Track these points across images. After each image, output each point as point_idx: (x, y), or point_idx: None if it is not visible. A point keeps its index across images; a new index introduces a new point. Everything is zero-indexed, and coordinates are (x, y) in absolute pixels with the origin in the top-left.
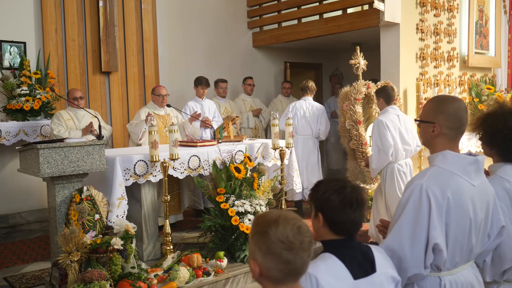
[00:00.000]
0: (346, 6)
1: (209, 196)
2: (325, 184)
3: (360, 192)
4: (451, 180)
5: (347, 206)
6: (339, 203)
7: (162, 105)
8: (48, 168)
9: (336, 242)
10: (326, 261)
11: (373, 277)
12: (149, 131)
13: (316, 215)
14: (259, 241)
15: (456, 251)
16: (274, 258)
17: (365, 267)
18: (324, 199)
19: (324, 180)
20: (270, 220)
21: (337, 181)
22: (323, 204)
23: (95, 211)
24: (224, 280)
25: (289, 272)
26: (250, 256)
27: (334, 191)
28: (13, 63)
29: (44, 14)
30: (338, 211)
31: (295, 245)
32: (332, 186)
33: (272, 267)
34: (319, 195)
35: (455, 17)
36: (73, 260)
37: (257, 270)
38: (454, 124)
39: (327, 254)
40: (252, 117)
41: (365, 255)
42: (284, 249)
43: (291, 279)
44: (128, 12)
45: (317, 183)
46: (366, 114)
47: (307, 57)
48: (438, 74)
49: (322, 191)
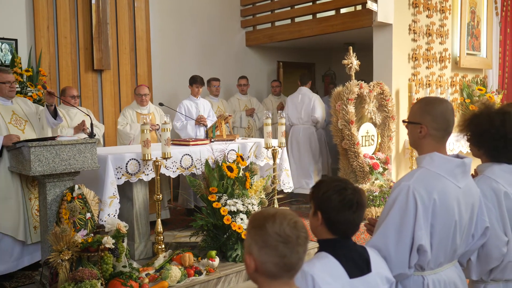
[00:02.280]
0: (339, 6)
1: (202, 195)
2: (327, 183)
3: (360, 194)
4: (438, 182)
5: (346, 207)
6: (339, 203)
7: (143, 104)
8: (39, 166)
9: (332, 242)
10: (322, 259)
11: (368, 277)
12: (141, 129)
13: (315, 213)
14: (256, 234)
15: (440, 251)
16: (270, 251)
17: (361, 266)
18: (324, 198)
19: (326, 179)
20: (267, 215)
21: (339, 181)
22: (323, 203)
23: (87, 210)
24: (216, 280)
25: (284, 266)
26: (246, 251)
27: (335, 191)
28: (4, 60)
29: (36, 11)
30: (337, 211)
31: (291, 238)
32: (334, 186)
33: (267, 260)
34: (320, 194)
35: (447, 18)
36: (64, 259)
37: (253, 265)
38: (441, 125)
39: (323, 253)
40: (246, 116)
41: (360, 255)
42: (280, 242)
43: (286, 274)
44: (120, 9)
45: (319, 182)
46: (359, 114)
47: (300, 57)
48: (430, 75)
49: (323, 190)
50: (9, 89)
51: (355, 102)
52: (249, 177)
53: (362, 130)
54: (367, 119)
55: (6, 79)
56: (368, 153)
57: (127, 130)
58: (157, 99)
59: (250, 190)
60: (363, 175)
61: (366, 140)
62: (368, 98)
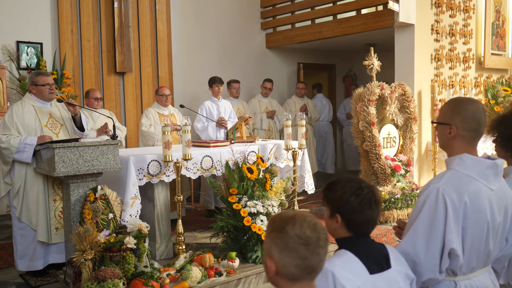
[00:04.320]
0: (360, 7)
1: (222, 197)
2: (341, 185)
3: (376, 191)
4: (469, 184)
5: (366, 207)
6: (358, 205)
7: (165, 105)
8: (63, 167)
9: (351, 239)
10: (341, 257)
11: (388, 273)
12: (163, 131)
13: (332, 216)
14: (276, 237)
15: (473, 256)
16: (291, 253)
17: (380, 262)
18: (343, 200)
19: (339, 180)
20: (287, 217)
21: (353, 181)
22: (342, 206)
23: (109, 210)
24: (236, 281)
25: (306, 268)
26: (266, 255)
27: (352, 192)
28: (30, 64)
29: (60, 15)
30: (358, 213)
31: (312, 240)
32: (350, 188)
33: (288, 263)
34: (337, 197)
35: (471, 18)
36: (87, 258)
37: (273, 267)
38: (471, 126)
39: (342, 250)
40: (266, 118)
41: (380, 251)
42: (301, 244)
43: (307, 276)
44: (142, 13)
45: (331, 183)
46: (380, 115)
47: (320, 58)
48: (453, 76)
49: (339, 193)
50: (49, 91)
51: (376, 104)
52: (269, 179)
53: (383, 132)
54: (389, 121)
55: (46, 82)
56: (389, 155)
57: (151, 130)
58: (178, 101)
59: (270, 191)
60: (385, 177)
61: (388, 142)
62: (389, 99)
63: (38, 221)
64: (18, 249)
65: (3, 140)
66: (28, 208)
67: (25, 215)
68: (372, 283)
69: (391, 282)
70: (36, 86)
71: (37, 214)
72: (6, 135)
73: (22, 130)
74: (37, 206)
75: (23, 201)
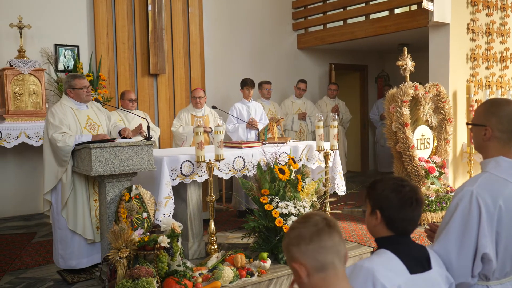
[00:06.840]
0: (393, 7)
1: (253, 197)
2: (384, 182)
3: (418, 191)
4: (504, 188)
5: (406, 205)
6: (398, 202)
7: (197, 107)
8: (99, 166)
9: (391, 238)
10: (381, 256)
11: (429, 274)
12: (195, 132)
13: (373, 212)
14: (291, 238)
15: (507, 261)
16: (308, 245)
17: (421, 263)
18: (383, 197)
19: (382, 178)
20: (298, 220)
21: (395, 179)
22: (382, 202)
23: (143, 209)
24: (268, 281)
25: (328, 250)
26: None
27: (393, 189)
28: (67, 66)
29: (96, 19)
30: (397, 209)
31: (320, 226)
32: (391, 185)
33: (311, 255)
34: (378, 193)
35: (508, 16)
36: (122, 257)
37: (303, 269)
38: (508, 127)
39: (382, 249)
40: (297, 120)
41: (420, 252)
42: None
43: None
44: (175, 15)
45: (374, 182)
46: (414, 116)
47: (352, 59)
48: (490, 76)
49: (381, 189)
50: (86, 93)
51: (409, 104)
52: (300, 180)
53: (417, 133)
54: (423, 122)
55: (83, 84)
56: (423, 157)
57: (179, 131)
58: (210, 102)
59: (302, 192)
60: (418, 179)
61: (422, 143)
62: (423, 100)
63: (84, 222)
64: (58, 248)
65: (59, 139)
66: (75, 215)
67: (73, 222)
68: (412, 283)
69: (432, 283)
70: (73, 89)
71: (84, 218)
72: (61, 134)
73: (68, 130)
74: (83, 209)
75: (72, 211)
